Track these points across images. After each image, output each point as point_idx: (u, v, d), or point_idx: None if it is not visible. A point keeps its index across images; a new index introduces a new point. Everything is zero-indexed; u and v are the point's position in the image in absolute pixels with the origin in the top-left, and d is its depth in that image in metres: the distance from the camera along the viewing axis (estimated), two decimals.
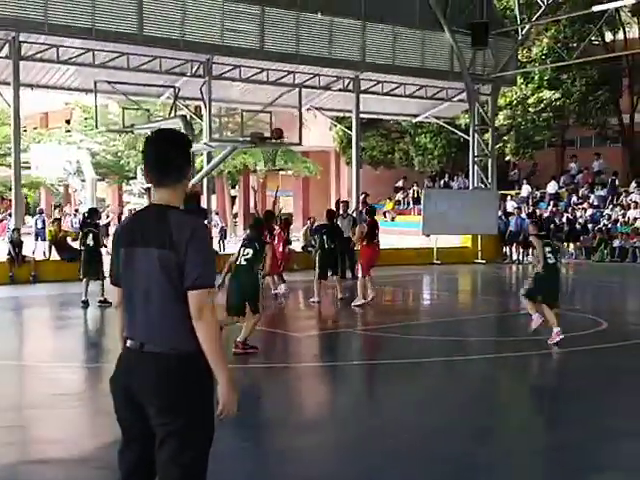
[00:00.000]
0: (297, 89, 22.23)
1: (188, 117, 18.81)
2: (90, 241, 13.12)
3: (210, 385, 3.10)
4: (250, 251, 9.28)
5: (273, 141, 16.60)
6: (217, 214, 31.71)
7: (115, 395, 3.20)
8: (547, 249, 10.08)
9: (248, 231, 10.21)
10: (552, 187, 29.45)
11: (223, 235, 28.87)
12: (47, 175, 32.06)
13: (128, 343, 3.17)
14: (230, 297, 9.05)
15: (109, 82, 19.14)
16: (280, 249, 15.12)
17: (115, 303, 3.31)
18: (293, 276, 16.25)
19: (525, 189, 30.11)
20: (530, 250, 25.13)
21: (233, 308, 9.02)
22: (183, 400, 3.05)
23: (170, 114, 19.81)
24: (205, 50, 19.44)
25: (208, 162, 20.40)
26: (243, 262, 9.24)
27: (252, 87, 22.36)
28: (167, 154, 3.11)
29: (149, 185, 3.25)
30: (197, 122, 22.61)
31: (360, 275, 13.69)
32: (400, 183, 35.70)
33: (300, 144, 17.55)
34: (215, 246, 22.12)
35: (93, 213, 14.01)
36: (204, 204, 19.54)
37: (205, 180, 19.79)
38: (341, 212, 17.88)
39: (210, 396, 3.11)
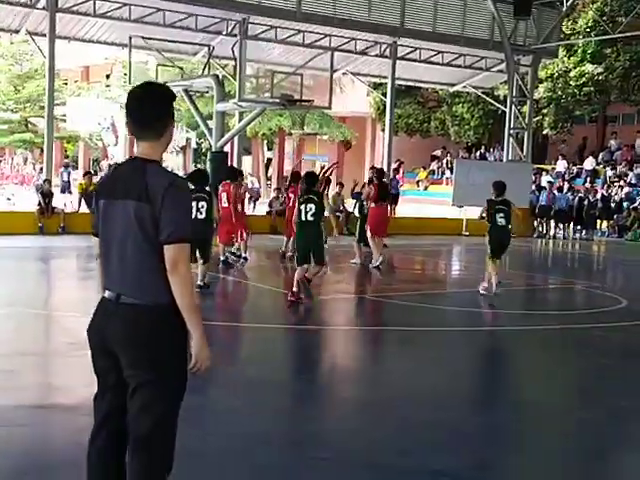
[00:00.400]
0: (339, 52, 22.17)
1: (220, 76, 18.75)
2: None
3: (183, 338, 3.12)
4: (312, 206, 9.84)
5: (302, 103, 16.51)
6: (251, 175, 31.86)
7: (92, 344, 3.25)
8: (500, 214, 11.28)
9: (302, 186, 10.46)
10: (589, 163, 28.99)
11: (256, 197, 28.96)
12: (82, 129, 32.29)
13: (106, 294, 3.21)
14: (298, 250, 10.08)
15: (144, 38, 19.16)
16: None
17: (96, 254, 3.35)
18: None
19: (561, 164, 29.70)
20: (561, 225, 25.00)
21: (300, 258, 9.92)
22: (155, 352, 3.09)
23: (203, 73, 19.79)
24: (241, 9, 19.33)
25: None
26: (310, 218, 9.83)
27: (290, 49, 22.23)
28: (148, 108, 3.11)
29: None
30: (233, 82, 22.54)
31: (369, 236, 13.85)
32: (438, 152, 35.40)
33: (329, 108, 17.40)
34: (247, 207, 22.20)
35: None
36: (234, 164, 19.59)
37: (236, 140, 19.78)
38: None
39: (183, 349, 3.13)
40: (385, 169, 22.86)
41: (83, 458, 3.30)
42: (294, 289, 9.89)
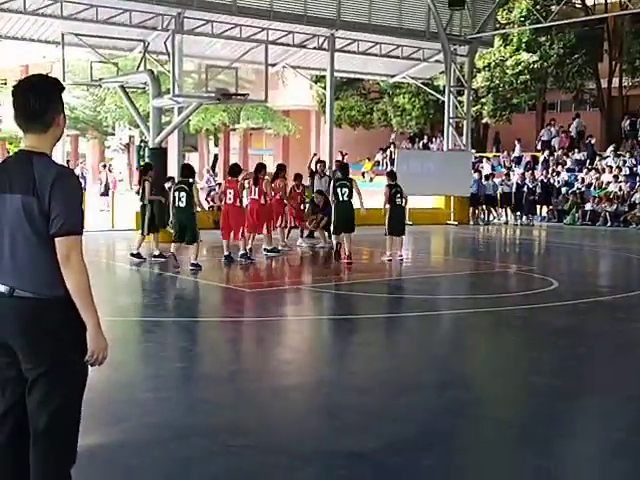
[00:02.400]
0: (277, 46, 22.18)
1: (156, 72, 18.58)
2: None
3: (79, 330, 3.10)
4: (347, 190, 13.34)
5: (238, 97, 16.47)
6: (209, 173, 31.58)
7: None
8: (397, 195, 13.78)
9: (338, 174, 14.24)
10: (518, 150, 29.73)
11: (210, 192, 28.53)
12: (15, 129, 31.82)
13: (1, 288, 3.19)
14: (338, 221, 13.44)
15: (77, 35, 18.88)
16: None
17: None
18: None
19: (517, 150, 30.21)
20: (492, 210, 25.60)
21: (337, 229, 13.58)
22: (50, 345, 3.08)
23: (139, 69, 19.61)
24: (176, 3, 19.20)
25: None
26: (345, 198, 13.35)
27: (231, 43, 22.06)
28: (32, 102, 3.08)
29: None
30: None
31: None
32: (392, 137, 35.57)
33: (266, 101, 17.39)
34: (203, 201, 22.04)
35: None
36: (172, 160, 19.44)
37: (175, 136, 19.62)
38: (318, 171, 17.90)
39: (79, 341, 3.11)
40: (327, 161, 23.03)
41: None
42: (347, 253, 13.21)
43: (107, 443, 4.69)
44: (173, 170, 18.95)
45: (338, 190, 13.32)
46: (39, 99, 3.10)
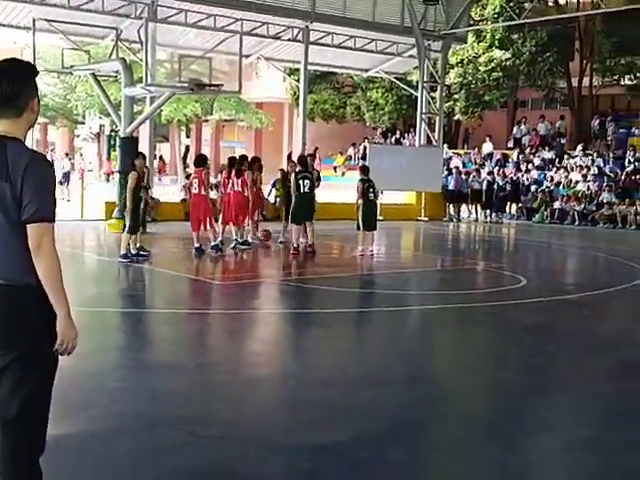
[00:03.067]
0: (252, 37, 22.08)
1: (129, 61, 18.40)
2: None
3: (50, 319, 3.07)
4: (308, 182, 13.81)
5: (211, 88, 16.38)
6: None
7: None
8: (370, 189, 13.89)
9: (297, 167, 14.32)
10: (487, 148, 29.91)
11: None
12: None
13: None
14: (296, 210, 13.77)
15: (48, 20, 18.61)
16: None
17: None
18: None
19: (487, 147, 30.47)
20: (460, 207, 25.76)
21: (298, 219, 13.81)
22: (20, 332, 3.05)
23: (111, 56, 19.40)
24: None
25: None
26: (307, 190, 13.78)
27: (204, 34, 21.92)
28: (4, 86, 3.04)
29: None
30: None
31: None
32: (377, 135, 35.65)
33: (239, 93, 17.32)
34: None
35: None
36: (144, 151, 19.26)
37: (147, 126, 19.45)
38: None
39: (49, 329, 3.08)
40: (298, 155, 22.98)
41: None
42: (294, 245, 13.68)
43: (75, 432, 4.66)
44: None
45: (300, 182, 13.75)
46: (12, 83, 3.05)
